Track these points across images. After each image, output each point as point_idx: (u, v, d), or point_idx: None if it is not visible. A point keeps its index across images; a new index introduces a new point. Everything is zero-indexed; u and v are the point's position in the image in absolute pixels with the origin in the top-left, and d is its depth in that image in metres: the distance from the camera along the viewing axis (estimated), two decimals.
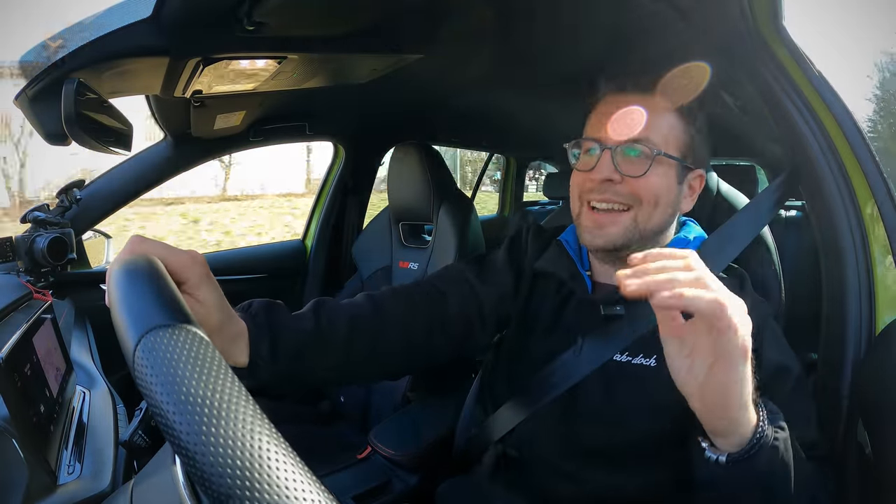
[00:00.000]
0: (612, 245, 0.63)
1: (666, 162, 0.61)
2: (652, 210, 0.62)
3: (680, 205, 0.65)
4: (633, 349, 0.60)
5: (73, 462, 0.57)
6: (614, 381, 0.61)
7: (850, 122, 0.62)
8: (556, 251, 0.70)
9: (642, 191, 0.61)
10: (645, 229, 0.62)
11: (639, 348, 0.60)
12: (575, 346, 0.62)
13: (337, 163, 1.63)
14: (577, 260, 0.69)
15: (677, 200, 0.64)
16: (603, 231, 0.62)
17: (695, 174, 0.65)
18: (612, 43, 0.83)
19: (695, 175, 0.65)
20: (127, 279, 0.31)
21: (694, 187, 0.66)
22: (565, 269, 0.68)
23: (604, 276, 0.67)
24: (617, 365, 0.61)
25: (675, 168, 0.62)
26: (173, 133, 1.17)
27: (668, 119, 0.62)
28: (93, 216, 1.16)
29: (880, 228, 0.61)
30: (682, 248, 0.61)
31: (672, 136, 0.62)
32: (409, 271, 1.32)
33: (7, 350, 0.53)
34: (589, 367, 0.61)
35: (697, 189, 0.66)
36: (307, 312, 0.58)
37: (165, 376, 0.24)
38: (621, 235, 0.62)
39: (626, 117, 0.62)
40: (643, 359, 0.60)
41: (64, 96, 0.58)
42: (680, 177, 0.63)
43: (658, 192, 0.61)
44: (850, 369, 0.60)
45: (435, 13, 0.75)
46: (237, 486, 0.21)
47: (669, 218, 0.64)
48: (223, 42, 0.68)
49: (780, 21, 0.63)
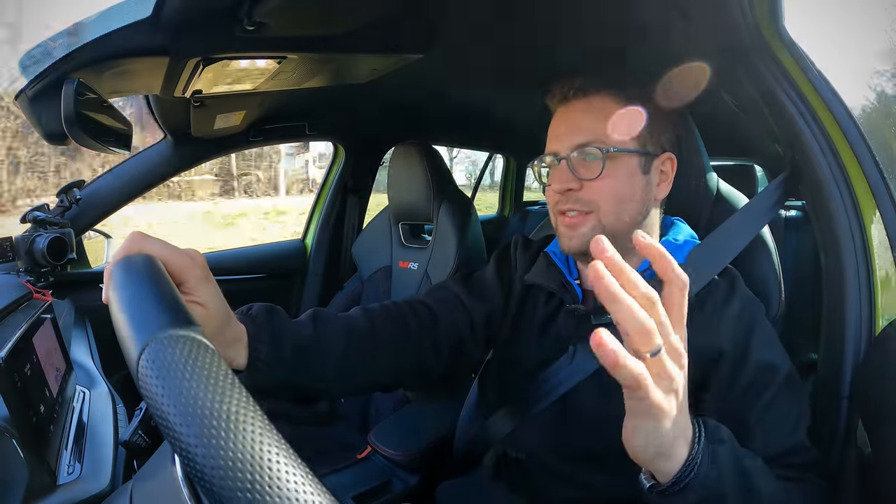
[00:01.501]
0: (585, 245, 0.63)
1: (622, 157, 0.61)
2: (615, 209, 0.62)
3: (653, 194, 0.64)
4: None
5: (73, 462, 0.57)
6: (608, 386, 0.61)
7: (850, 122, 0.62)
8: (544, 263, 0.71)
9: (599, 195, 0.61)
10: (614, 228, 0.62)
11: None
12: (566, 354, 0.63)
13: (337, 163, 1.63)
14: (566, 270, 0.69)
15: (647, 191, 0.63)
16: (575, 232, 0.63)
17: (662, 159, 0.64)
18: (612, 43, 0.83)
19: (662, 160, 0.64)
20: (129, 281, 0.31)
21: (666, 172, 0.65)
22: (554, 280, 0.68)
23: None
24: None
25: (635, 159, 0.62)
26: (173, 133, 1.17)
27: (616, 114, 0.62)
28: (93, 216, 1.16)
29: (880, 228, 0.61)
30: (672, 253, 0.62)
31: (623, 128, 0.62)
32: (409, 271, 1.32)
33: (7, 350, 0.53)
34: (582, 374, 0.61)
35: (670, 172, 0.65)
36: (305, 320, 0.59)
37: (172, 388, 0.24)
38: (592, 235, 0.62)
39: (574, 124, 0.63)
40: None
41: (64, 96, 0.58)
42: (644, 166, 0.63)
43: (617, 191, 0.61)
44: (850, 369, 0.60)
45: (435, 13, 0.75)
46: (238, 486, 0.21)
47: (641, 210, 0.63)
48: (223, 42, 0.68)
49: (781, 21, 0.63)
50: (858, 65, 27.21)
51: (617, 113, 0.61)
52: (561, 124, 0.64)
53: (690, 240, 0.66)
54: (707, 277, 0.61)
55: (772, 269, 0.69)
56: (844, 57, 27.73)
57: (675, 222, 0.69)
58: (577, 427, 0.63)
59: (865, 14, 40.47)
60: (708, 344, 0.57)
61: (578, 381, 0.62)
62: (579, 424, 0.62)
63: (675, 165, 0.65)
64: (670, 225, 0.69)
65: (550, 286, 0.68)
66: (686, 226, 0.69)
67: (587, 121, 0.62)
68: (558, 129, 0.64)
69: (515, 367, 0.69)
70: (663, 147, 0.64)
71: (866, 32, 34.85)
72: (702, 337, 0.58)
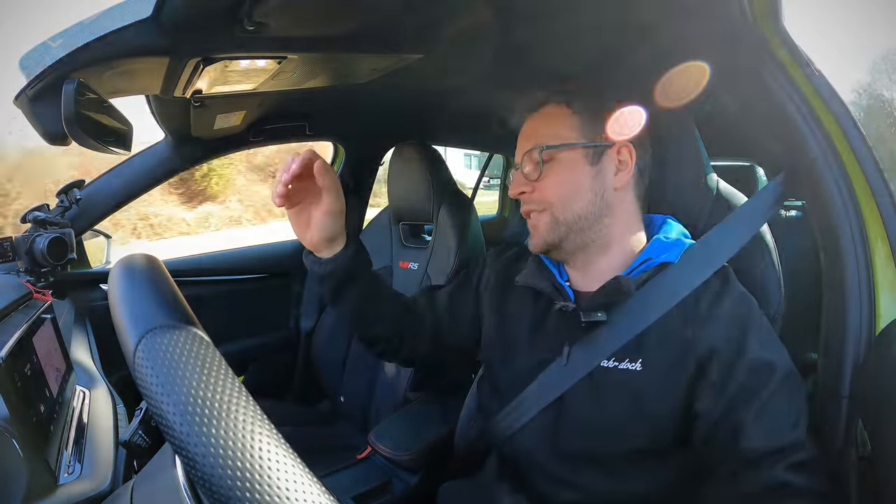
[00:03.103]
0: (545, 243, 0.66)
1: (561, 153, 0.64)
2: (563, 202, 0.64)
3: (608, 182, 0.65)
4: (620, 354, 0.61)
5: (73, 462, 0.57)
6: (602, 388, 0.61)
7: (849, 121, 0.62)
8: (535, 265, 0.71)
9: (545, 192, 0.65)
10: (568, 220, 0.64)
11: (625, 353, 0.60)
12: (560, 356, 0.63)
13: (337, 163, 1.63)
14: (556, 272, 0.70)
15: (598, 180, 0.64)
16: (536, 232, 0.67)
17: (615, 147, 0.65)
18: (612, 42, 0.83)
19: (617, 148, 0.65)
20: (127, 278, 0.31)
21: (623, 160, 0.65)
22: (546, 281, 0.68)
23: (583, 285, 0.68)
24: (604, 371, 0.61)
25: (578, 152, 0.64)
26: (173, 133, 1.17)
27: (557, 117, 0.66)
28: (93, 216, 1.16)
29: (880, 228, 0.60)
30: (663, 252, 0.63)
31: (564, 126, 0.65)
32: (410, 271, 1.32)
33: (7, 350, 0.53)
34: (577, 375, 0.62)
35: (630, 159, 0.65)
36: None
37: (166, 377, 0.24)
38: (548, 231, 0.65)
39: (526, 135, 0.69)
40: (629, 363, 0.60)
41: (64, 96, 0.58)
42: (592, 158, 0.64)
43: (561, 185, 0.64)
44: (850, 369, 0.60)
45: (435, 13, 0.75)
46: (237, 487, 0.21)
47: (595, 199, 0.64)
48: (223, 42, 0.68)
49: (780, 21, 0.63)
50: (858, 64, 27.23)
51: (562, 112, 0.65)
52: (521, 135, 0.70)
53: (682, 238, 0.66)
54: (702, 277, 0.61)
55: (772, 268, 0.69)
56: (844, 56, 27.77)
57: (667, 220, 0.69)
58: (572, 431, 0.62)
59: (864, 13, 40.51)
60: (701, 342, 0.57)
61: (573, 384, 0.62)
62: (574, 428, 0.62)
63: (635, 152, 0.65)
64: (662, 223, 0.69)
65: (542, 287, 0.68)
66: (677, 224, 0.69)
67: (536, 128, 0.67)
68: (519, 140, 0.70)
69: (509, 368, 0.70)
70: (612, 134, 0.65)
71: (865, 31, 34.88)
72: (696, 335, 0.58)
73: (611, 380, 0.60)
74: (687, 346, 0.58)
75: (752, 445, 0.54)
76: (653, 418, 0.58)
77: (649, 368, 0.59)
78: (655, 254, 0.63)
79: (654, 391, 0.58)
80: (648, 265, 0.63)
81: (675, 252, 0.63)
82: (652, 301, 0.60)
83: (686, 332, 0.59)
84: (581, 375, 0.61)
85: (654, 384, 0.58)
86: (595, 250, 0.66)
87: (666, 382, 0.58)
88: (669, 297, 0.60)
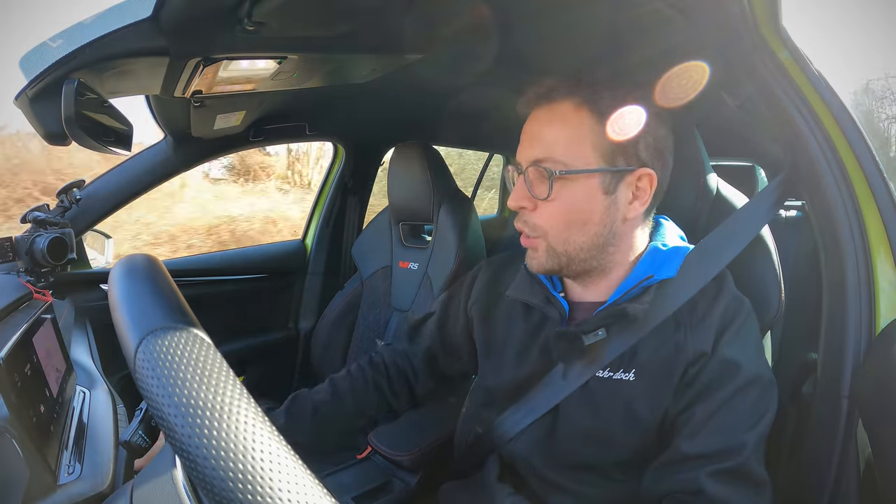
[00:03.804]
0: (544, 270, 0.61)
1: (577, 178, 0.56)
2: (563, 235, 0.58)
3: (620, 213, 0.58)
4: (615, 363, 0.60)
5: (73, 462, 0.57)
6: (597, 398, 0.61)
7: (849, 121, 0.62)
8: (527, 278, 0.68)
9: (545, 220, 0.58)
10: (569, 252, 0.59)
11: (618, 363, 0.60)
12: (557, 369, 0.63)
13: (337, 163, 1.63)
14: (549, 284, 0.66)
15: (610, 212, 0.57)
16: (535, 255, 0.61)
17: (636, 175, 0.57)
18: (612, 42, 0.83)
19: (637, 175, 0.57)
20: (128, 279, 0.31)
21: (643, 188, 0.58)
22: (539, 295, 0.66)
23: (578, 294, 0.66)
24: (598, 381, 0.61)
25: (595, 179, 0.56)
26: (173, 133, 1.17)
27: (571, 119, 0.56)
28: (93, 216, 1.16)
29: (880, 228, 0.60)
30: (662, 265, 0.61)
31: (587, 142, 0.56)
32: (410, 271, 1.32)
33: (7, 350, 0.53)
34: (573, 386, 0.61)
35: (648, 188, 0.58)
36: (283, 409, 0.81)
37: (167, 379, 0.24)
38: (547, 259, 0.60)
39: (534, 134, 0.59)
40: (623, 373, 0.60)
41: (64, 96, 0.58)
42: (609, 186, 0.56)
43: (566, 216, 0.57)
44: (850, 369, 0.60)
45: (435, 13, 0.75)
46: (238, 488, 0.21)
47: (602, 231, 0.58)
48: (223, 42, 0.68)
49: (780, 21, 0.63)
50: (858, 64, 27.20)
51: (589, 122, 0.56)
52: (526, 132, 0.61)
53: (680, 244, 0.63)
54: (702, 282, 0.60)
55: (772, 269, 0.69)
56: (843, 56, 27.76)
57: (661, 222, 0.66)
58: (567, 440, 0.62)
59: (864, 13, 40.47)
60: (692, 347, 0.57)
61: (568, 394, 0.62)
62: (570, 437, 0.62)
63: (656, 181, 0.58)
64: (656, 226, 0.65)
65: (534, 302, 0.66)
66: (672, 225, 0.66)
67: (547, 132, 0.57)
68: (524, 137, 0.61)
69: (502, 379, 0.69)
70: (640, 160, 0.57)
71: (865, 31, 34.85)
72: (688, 339, 0.58)
73: (605, 390, 0.60)
74: (678, 351, 0.58)
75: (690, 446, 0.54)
76: (644, 425, 0.58)
77: (642, 378, 0.59)
78: (655, 269, 0.60)
79: (646, 400, 0.58)
80: (649, 283, 0.59)
81: (674, 265, 0.60)
82: (651, 316, 0.59)
83: (678, 337, 0.58)
84: (577, 386, 0.61)
85: (646, 393, 0.58)
86: (596, 274, 0.63)
87: (657, 390, 0.57)
88: (668, 309, 0.59)
